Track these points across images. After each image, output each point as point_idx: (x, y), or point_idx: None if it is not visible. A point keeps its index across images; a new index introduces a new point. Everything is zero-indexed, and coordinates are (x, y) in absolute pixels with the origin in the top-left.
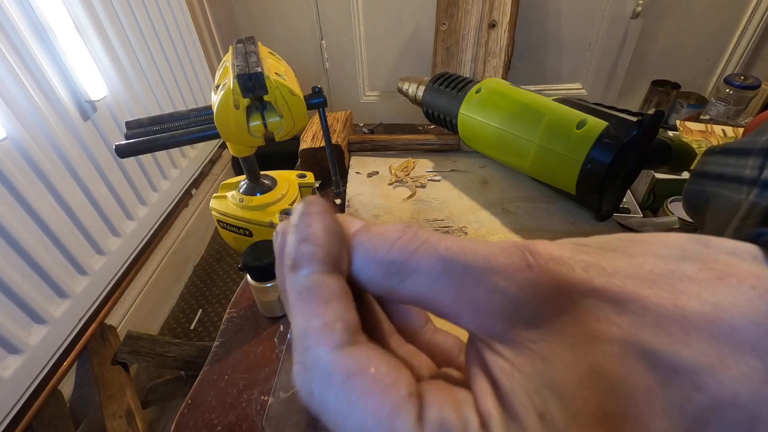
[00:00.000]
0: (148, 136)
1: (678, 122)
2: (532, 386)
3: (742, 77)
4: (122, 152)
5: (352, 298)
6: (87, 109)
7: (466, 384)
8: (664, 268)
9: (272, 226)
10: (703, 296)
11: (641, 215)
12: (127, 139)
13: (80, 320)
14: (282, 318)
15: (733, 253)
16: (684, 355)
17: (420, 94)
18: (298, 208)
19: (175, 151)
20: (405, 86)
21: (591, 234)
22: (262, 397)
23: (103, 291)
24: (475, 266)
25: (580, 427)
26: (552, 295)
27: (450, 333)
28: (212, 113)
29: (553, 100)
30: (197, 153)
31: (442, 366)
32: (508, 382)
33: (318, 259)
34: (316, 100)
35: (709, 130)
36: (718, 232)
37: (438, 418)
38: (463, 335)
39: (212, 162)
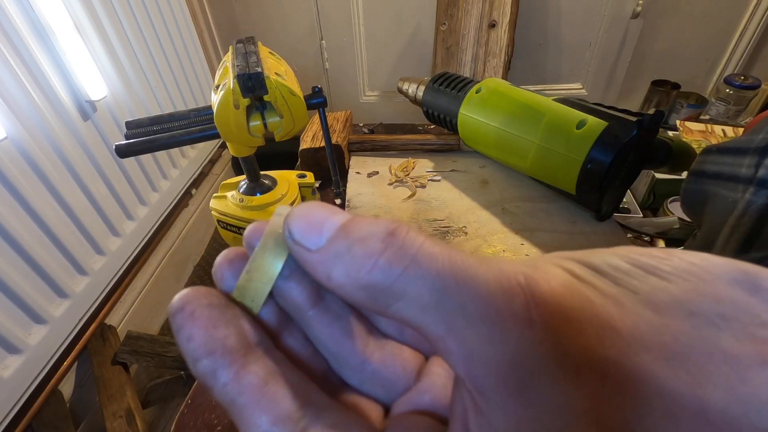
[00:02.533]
0: (148, 136)
1: (678, 122)
2: None
3: (742, 77)
4: (122, 152)
5: (278, 378)
6: (87, 109)
7: (426, 427)
8: (693, 337)
9: None
10: (732, 388)
11: (641, 215)
12: (127, 139)
13: (80, 320)
14: None
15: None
16: None
17: (420, 94)
18: (174, 324)
19: (175, 151)
20: (405, 86)
21: (591, 234)
22: None
23: (103, 291)
24: (469, 306)
25: None
26: (553, 359)
27: (402, 348)
28: (212, 113)
29: (553, 100)
30: (197, 153)
31: (396, 396)
32: None
33: (221, 367)
34: (316, 100)
35: (709, 130)
36: (716, 231)
37: None
38: None
39: (212, 162)
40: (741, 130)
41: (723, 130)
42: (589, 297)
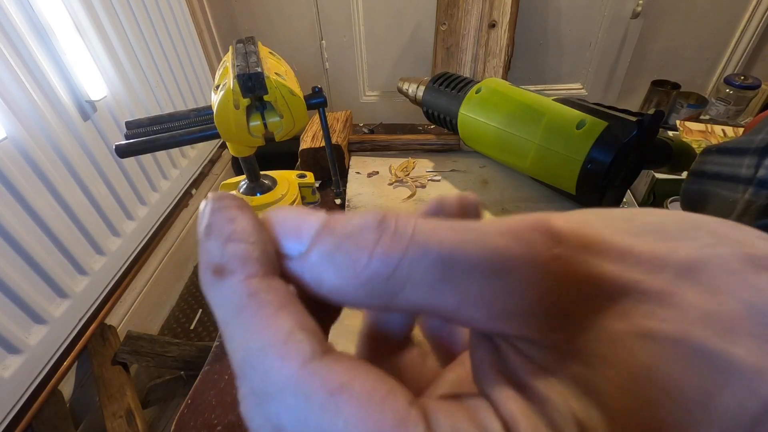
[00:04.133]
0: (148, 136)
1: (678, 122)
2: (570, 392)
3: (742, 77)
4: (122, 152)
5: (301, 303)
6: (87, 109)
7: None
8: (701, 254)
9: None
10: (742, 293)
11: None
12: (127, 139)
13: (80, 320)
14: None
15: (762, 237)
16: (736, 356)
17: (420, 94)
18: (205, 204)
19: (175, 151)
20: (405, 86)
21: None
22: None
23: (103, 291)
24: (483, 265)
25: None
26: (585, 290)
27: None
28: (212, 113)
29: (553, 100)
30: (197, 153)
31: (422, 390)
32: (540, 386)
33: (254, 259)
34: (316, 100)
35: (709, 130)
36: None
37: (450, 427)
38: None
39: (212, 162)
40: (741, 130)
41: (723, 130)
42: (604, 230)
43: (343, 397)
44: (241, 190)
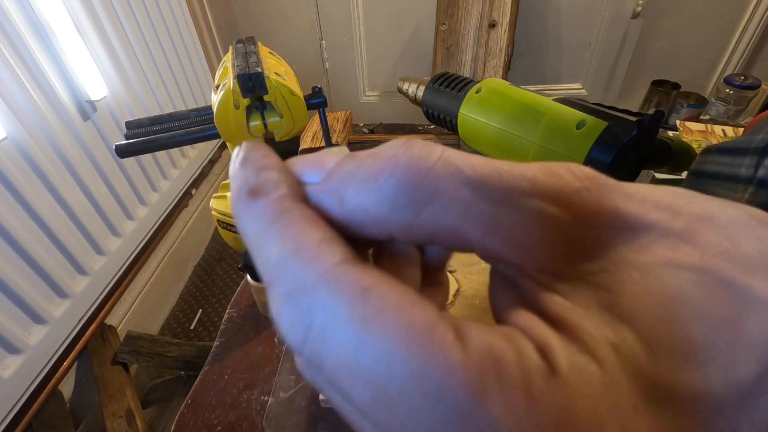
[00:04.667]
0: (148, 136)
1: (678, 122)
2: (600, 318)
3: (742, 77)
4: (122, 152)
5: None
6: (87, 109)
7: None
8: (715, 210)
9: None
10: (755, 242)
11: None
12: (127, 139)
13: (80, 320)
14: None
15: (759, 211)
16: (758, 288)
17: (420, 94)
18: (239, 149)
19: (175, 151)
20: (405, 86)
21: None
22: (262, 397)
23: (103, 291)
24: (516, 190)
25: (662, 361)
26: (613, 222)
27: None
28: (212, 113)
29: (553, 100)
30: (197, 153)
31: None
32: (569, 315)
33: (287, 185)
34: (316, 100)
35: (709, 130)
36: None
37: (484, 343)
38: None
39: (212, 162)
40: (741, 130)
41: (723, 130)
42: (623, 184)
43: (373, 296)
44: None
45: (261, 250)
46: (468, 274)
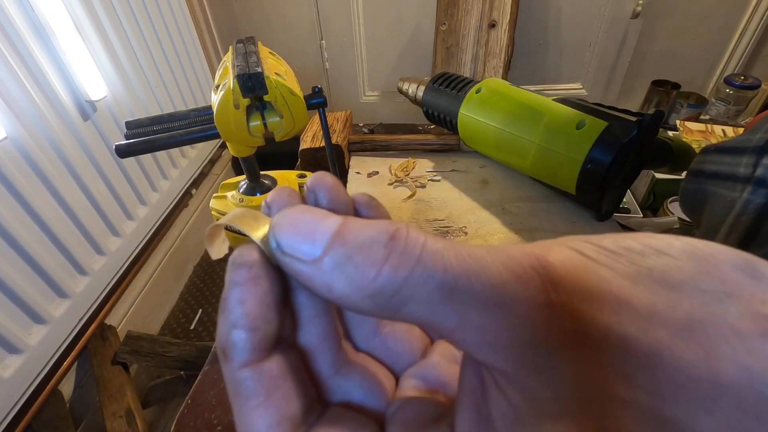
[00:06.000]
0: (148, 136)
1: (678, 122)
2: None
3: (742, 77)
4: (122, 152)
5: (293, 376)
6: (87, 109)
7: (434, 402)
8: (704, 312)
9: None
10: (743, 357)
11: (641, 215)
12: (127, 139)
13: (80, 320)
14: None
15: None
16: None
17: (420, 94)
18: (228, 269)
19: (175, 151)
20: (405, 86)
21: (591, 234)
22: None
23: (103, 291)
24: (482, 297)
25: None
26: (573, 338)
27: (412, 327)
28: (212, 113)
29: (553, 100)
30: (197, 153)
31: (401, 370)
32: (503, 427)
33: (251, 348)
34: (316, 100)
35: (709, 130)
36: (714, 230)
37: None
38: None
39: (212, 162)
40: (741, 130)
41: (723, 130)
42: (604, 276)
43: None
44: (241, 190)
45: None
46: None
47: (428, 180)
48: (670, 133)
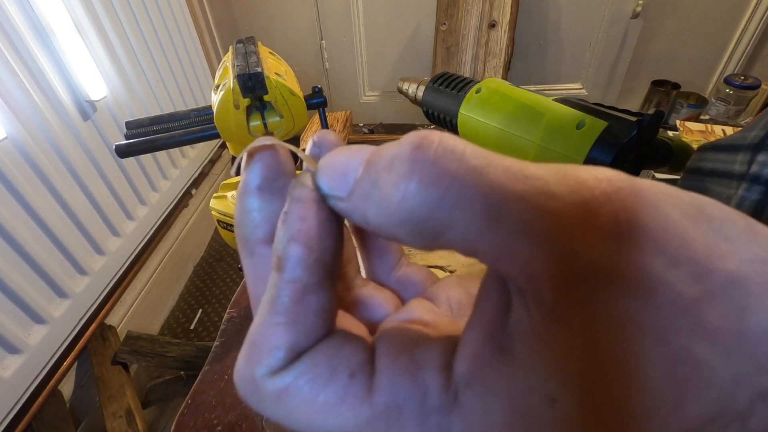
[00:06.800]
0: (148, 136)
1: (678, 122)
2: (559, 367)
3: (742, 77)
4: (122, 152)
5: (330, 313)
6: (87, 109)
7: (437, 323)
8: (748, 271)
9: None
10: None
11: None
12: (127, 139)
13: (80, 320)
14: None
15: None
16: (715, 368)
17: (420, 94)
18: (292, 186)
19: (175, 151)
20: (405, 86)
21: None
22: None
23: (103, 291)
24: (536, 224)
25: (587, 424)
26: (631, 276)
27: (422, 267)
28: (212, 113)
29: (553, 100)
30: (197, 153)
31: (409, 299)
32: (522, 350)
33: (304, 266)
34: (316, 100)
35: (709, 130)
36: None
37: (390, 388)
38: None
39: (212, 162)
40: (740, 130)
41: (723, 130)
42: (671, 215)
43: (289, 400)
44: None
45: (253, 307)
46: (469, 274)
47: None
48: (670, 133)
